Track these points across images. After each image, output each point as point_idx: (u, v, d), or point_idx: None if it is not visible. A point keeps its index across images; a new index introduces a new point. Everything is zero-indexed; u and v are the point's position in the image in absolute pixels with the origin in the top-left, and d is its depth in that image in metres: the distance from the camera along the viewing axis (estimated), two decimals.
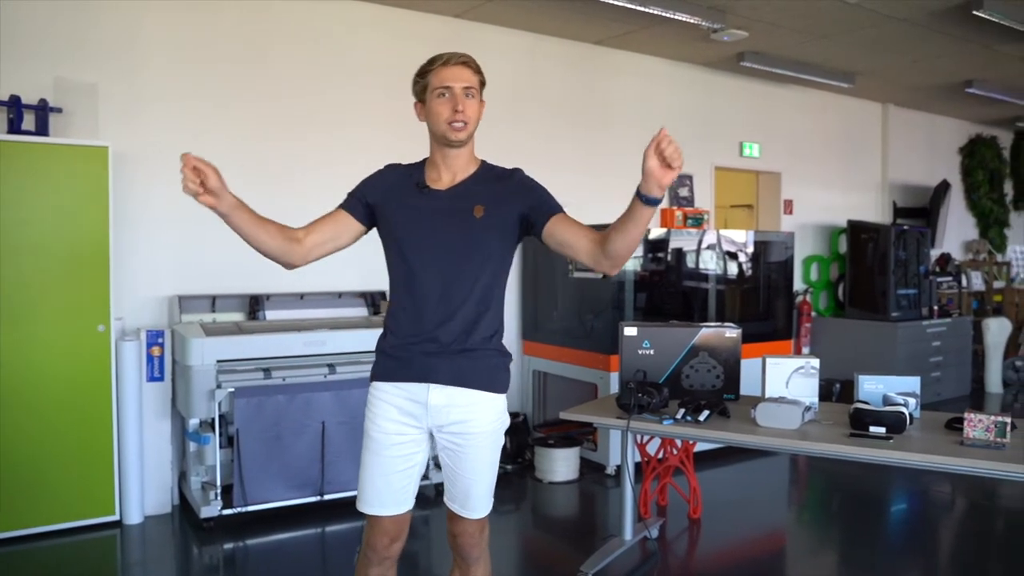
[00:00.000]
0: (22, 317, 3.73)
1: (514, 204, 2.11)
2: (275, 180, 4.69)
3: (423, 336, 2.09)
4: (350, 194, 2.21)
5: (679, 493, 4.30)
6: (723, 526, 4.15)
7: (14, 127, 3.84)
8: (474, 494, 2.16)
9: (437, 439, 2.16)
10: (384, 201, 2.15)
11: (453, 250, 2.08)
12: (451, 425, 2.12)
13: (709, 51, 6.26)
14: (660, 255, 5.33)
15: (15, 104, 3.85)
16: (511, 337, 5.65)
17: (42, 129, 3.90)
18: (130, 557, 3.79)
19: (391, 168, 2.23)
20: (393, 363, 2.13)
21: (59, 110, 4.04)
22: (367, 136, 4.98)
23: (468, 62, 2.09)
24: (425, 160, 2.22)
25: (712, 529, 4.08)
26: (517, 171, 2.22)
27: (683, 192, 6.64)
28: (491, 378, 2.16)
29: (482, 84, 2.14)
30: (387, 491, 2.14)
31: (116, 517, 3.98)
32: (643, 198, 1.81)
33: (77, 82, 4.13)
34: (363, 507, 2.16)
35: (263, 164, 4.68)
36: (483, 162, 2.23)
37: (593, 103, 6.11)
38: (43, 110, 3.92)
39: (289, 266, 2.15)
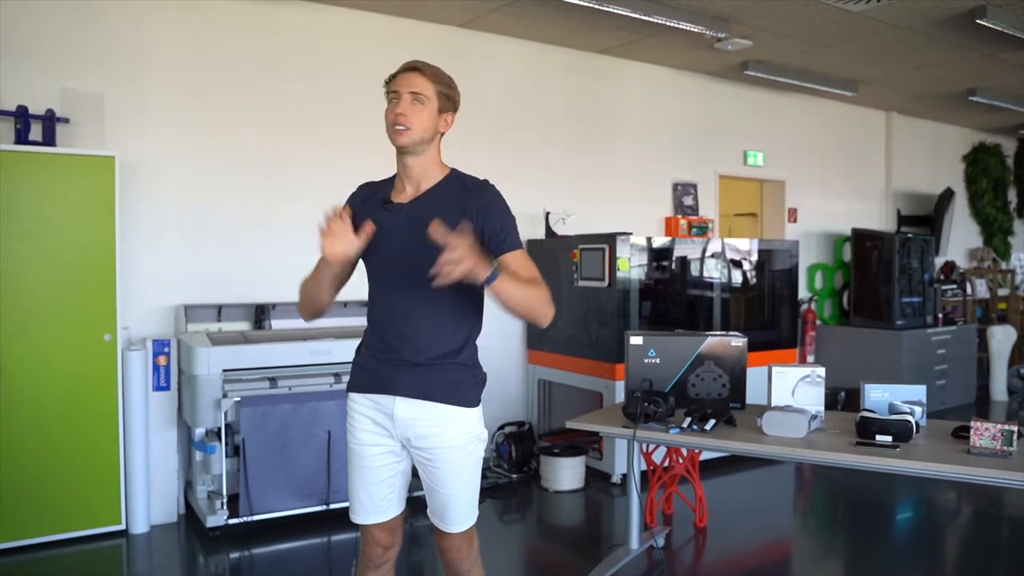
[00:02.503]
0: (28, 326, 3.74)
1: (470, 223, 1.99)
2: (281, 189, 4.71)
3: (387, 349, 2.11)
4: None
5: (685, 502, 4.29)
6: (729, 535, 4.14)
7: (21, 137, 3.86)
8: (452, 508, 2.14)
9: (411, 453, 2.16)
10: (356, 221, 2.13)
11: (410, 265, 2.06)
12: (419, 439, 2.11)
13: (713, 60, 6.27)
14: (665, 264, 5.34)
15: (22, 114, 3.87)
16: (516, 346, 5.65)
17: (49, 139, 3.93)
18: (136, 566, 3.79)
19: (363, 187, 2.26)
20: (363, 374, 2.17)
21: (66, 120, 4.06)
22: (374, 145, 4.98)
23: (421, 69, 2.09)
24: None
25: (718, 538, 4.07)
26: (486, 186, 2.14)
27: (687, 201, 6.65)
28: (453, 392, 2.11)
29: (443, 95, 2.09)
30: (370, 502, 2.17)
31: (122, 526, 3.98)
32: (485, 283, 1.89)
33: (83, 92, 4.15)
34: (354, 517, 2.22)
35: (270, 173, 4.69)
36: (452, 171, 2.18)
37: (597, 112, 6.12)
38: (50, 120, 3.94)
39: (318, 315, 2.26)
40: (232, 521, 3.88)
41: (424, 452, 2.12)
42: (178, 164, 4.43)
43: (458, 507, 2.14)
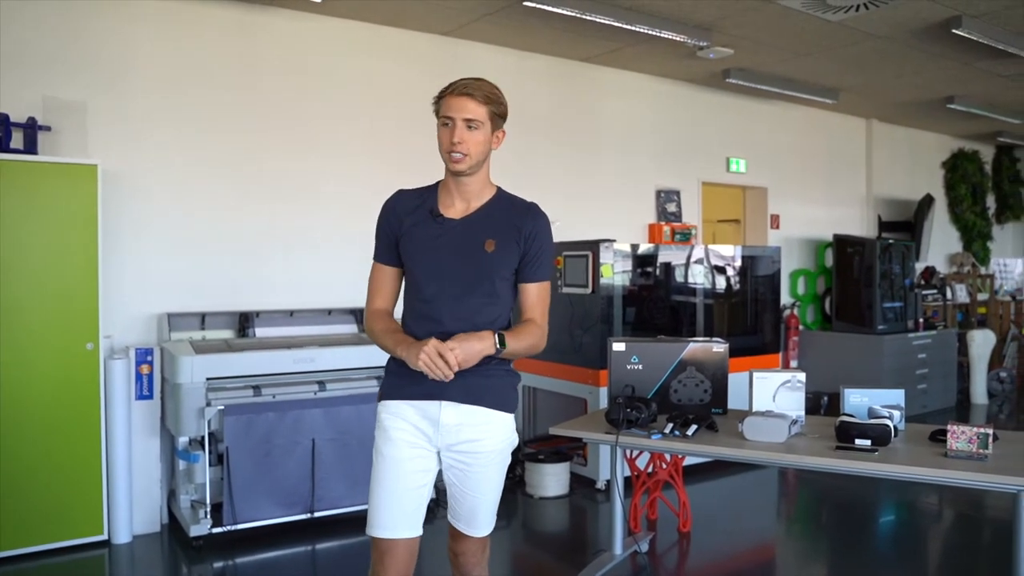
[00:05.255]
0: (10, 335, 3.72)
1: (519, 245, 2.15)
2: (265, 196, 4.71)
3: None
4: (379, 242, 2.23)
5: (668, 507, 4.31)
6: (712, 539, 4.16)
7: (3, 145, 3.84)
8: (480, 512, 2.18)
9: (444, 458, 2.16)
10: (403, 231, 2.18)
11: (464, 280, 2.11)
12: (461, 444, 2.13)
13: (695, 68, 6.33)
14: (648, 270, 5.37)
15: (3, 122, 3.86)
16: None
17: (31, 147, 3.91)
18: None
19: (402, 195, 2.24)
20: (404, 381, 2.13)
21: (48, 128, 4.05)
22: (357, 152, 5.00)
23: (472, 93, 2.09)
24: (439, 183, 2.24)
25: (701, 542, 4.09)
26: (537, 211, 2.21)
27: (671, 207, 6.70)
28: (502, 397, 2.18)
29: (495, 115, 2.14)
30: (401, 513, 2.09)
31: (104, 537, 3.96)
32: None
33: (66, 100, 4.14)
34: (376, 531, 2.09)
35: (253, 181, 4.69)
36: (499, 189, 2.25)
37: (580, 120, 6.16)
38: (32, 128, 3.92)
39: None
40: (216, 530, 3.87)
41: (465, 456, 2.13)
42: (161, 172, 4.42)
43: (487, 511, 2.20)
